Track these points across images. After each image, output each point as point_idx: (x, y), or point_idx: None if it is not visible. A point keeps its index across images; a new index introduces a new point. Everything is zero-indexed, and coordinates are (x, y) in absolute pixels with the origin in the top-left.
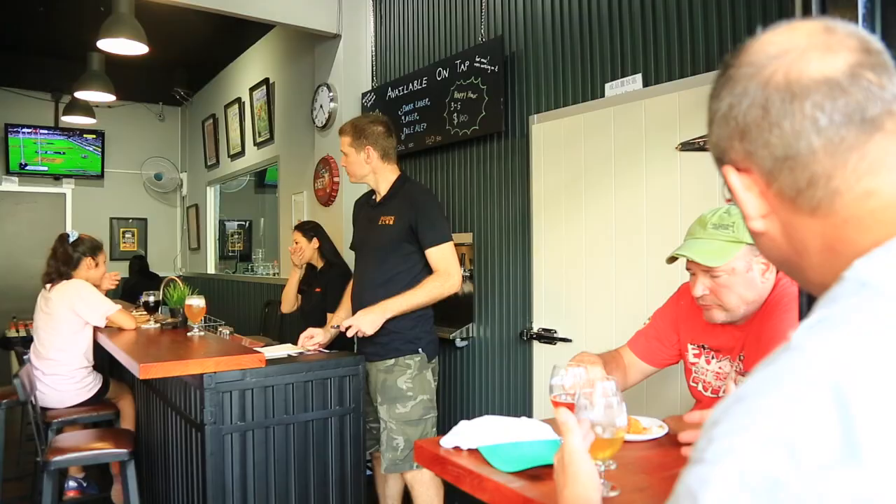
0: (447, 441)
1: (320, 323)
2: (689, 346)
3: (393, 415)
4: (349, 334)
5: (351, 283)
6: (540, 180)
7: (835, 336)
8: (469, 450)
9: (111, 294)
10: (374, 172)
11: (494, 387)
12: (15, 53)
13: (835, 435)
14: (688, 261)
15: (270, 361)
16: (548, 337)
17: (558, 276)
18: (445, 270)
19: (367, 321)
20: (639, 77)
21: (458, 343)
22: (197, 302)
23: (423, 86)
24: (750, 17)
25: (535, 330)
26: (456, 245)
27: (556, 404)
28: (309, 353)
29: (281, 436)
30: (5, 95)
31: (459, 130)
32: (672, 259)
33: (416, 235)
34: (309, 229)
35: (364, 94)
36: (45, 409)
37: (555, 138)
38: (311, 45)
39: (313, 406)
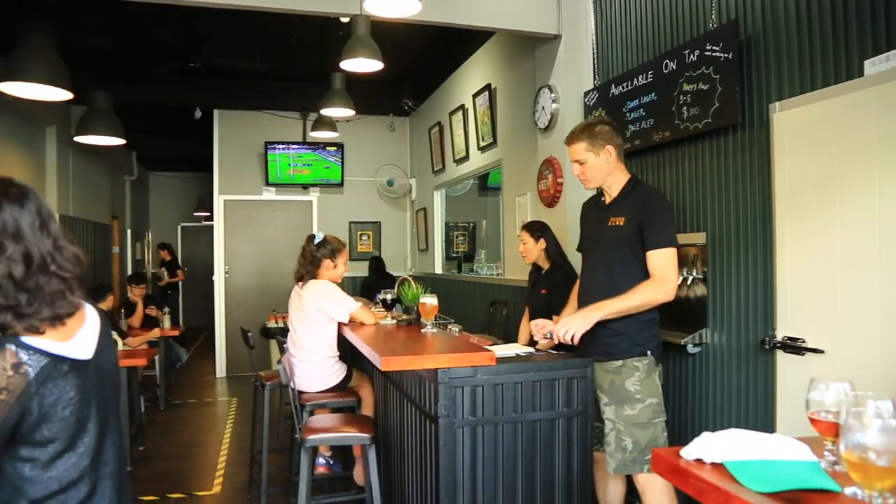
0: (688, 452)
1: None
2: None
3: (621, 416)
4: (566, 338)
5: (577, 284)
6: (783, 174)
7: None
8: (713, 463)
9: (349, 291)
10: (611, 173)
11: (731, 398)
12: (272, 80)
13: None
14: None
15: (500, 360)
16: (794, 346)
17: (807, 280)
18: (662, 276)
19: (580, 317)
20: None
21: (691, 349)
22: (430, 300)
23: (649, 80)
24: None
25: (778, 338)
26: (687, 246)
27: (816, 422)
28: (538, 353)
29: (509, 433)
30: (265, 117)
31: (690, 124)
32: None
33: (642, 236)
34: (536, 229)
35: (586, 93)
36: (300, 393)
37: (801, 127)
38: (532, 48)
39: (541, 406)
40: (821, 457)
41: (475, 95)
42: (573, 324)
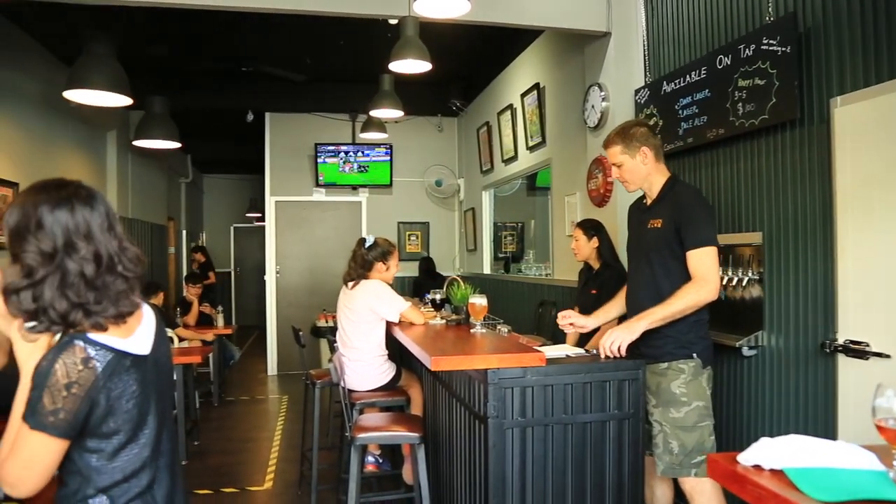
0: (746, 458)
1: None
2: None
3: (667, 419)
4: (612, 350)
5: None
6: (845, 171)
7: None
8: (772, 470)
9: (398, 290)
10: (650, 174)
11: (789, 402)
12: (321, 83)
13: None
14: None
15: (550, 361)
16: (857, 350)
17: (871, 281)
18: (703, 277)
19: (625, 328)
20: None
21: (746, 352)
22: (480, 301)
23: (702, 76)
24: None
25: (840, 341)
26: (742, 246)
27: (883, 430)
28: (588, 354)
29: (559, 435)
30: (314, 119)
31: (745, 121)
32: None
33: (680, 237)
34: (590, 227)
35: (637, 91)
36: (350, 391)
37: (864, 122)
38: (581, 46)
39: (592, 408)
40: (889, 466)
41: (524, 95)
42: (618, 335)
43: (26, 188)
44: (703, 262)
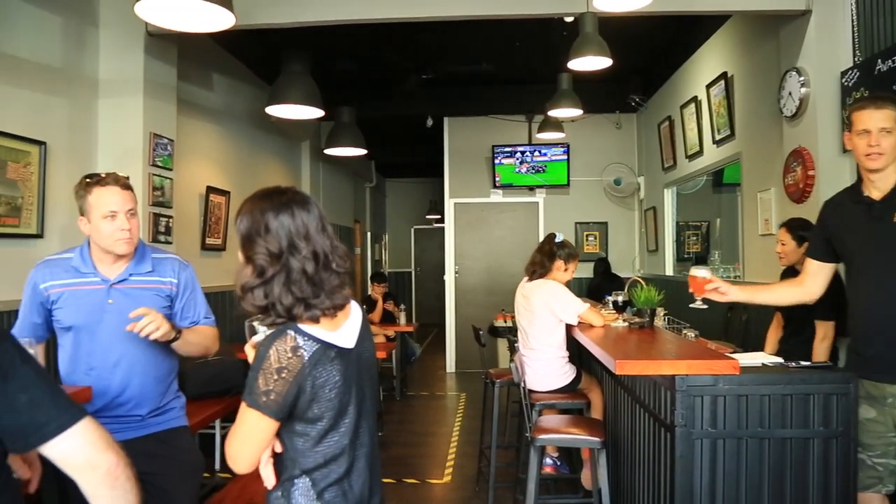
0: None
1: (800, 332)
2: None
3: None
4: None
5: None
6: None
7: None
8: None
9: (575, 292)
10: (894, 161)
11: None
12: (497, 86)
13: None
14: None
15: (744, 369)
16: None
17: None
18: None
19: None
20: None
21: None
22: (701, 273)
23: None
24: None
25: None
26: None
27: None
28: (788, 364)
29: (755, 449)
30: (492, 122)
31: None
32: None
33: None
34: (798, 229)
35: (843, 73)
36: (530, 392)
37: None
38: (775, 29)
39: (792, 423)
40: None
41: (709, 86)
42: None
43: (251, 196)
44: None
